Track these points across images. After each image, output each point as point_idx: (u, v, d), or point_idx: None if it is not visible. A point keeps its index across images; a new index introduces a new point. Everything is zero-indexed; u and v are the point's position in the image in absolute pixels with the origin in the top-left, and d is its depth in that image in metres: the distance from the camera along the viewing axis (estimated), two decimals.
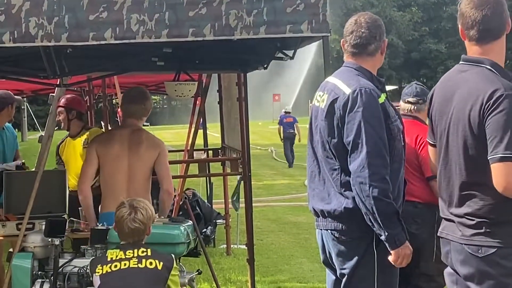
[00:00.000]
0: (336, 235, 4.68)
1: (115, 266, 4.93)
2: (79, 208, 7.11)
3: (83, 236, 6.70)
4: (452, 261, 4.04)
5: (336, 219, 4.66)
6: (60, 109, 8.53)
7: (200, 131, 11.26)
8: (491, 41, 3.98)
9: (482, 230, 3.85)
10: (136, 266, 4.91)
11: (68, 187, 8.19)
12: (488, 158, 3.75)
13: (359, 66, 4.72)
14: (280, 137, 28.04)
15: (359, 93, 4.49)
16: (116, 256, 4.98)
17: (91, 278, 5.06)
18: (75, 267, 5.48)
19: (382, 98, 4.58)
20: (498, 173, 3.73)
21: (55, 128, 8.92)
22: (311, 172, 4.88)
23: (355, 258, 4.62)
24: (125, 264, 4.93)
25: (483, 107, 3.78)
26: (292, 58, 6.38)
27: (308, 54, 59.72)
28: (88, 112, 10.10)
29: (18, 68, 6.87)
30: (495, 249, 3.82)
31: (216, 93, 10.41)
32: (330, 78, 4.81)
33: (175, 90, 7.19)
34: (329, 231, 4.73)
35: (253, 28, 4.90)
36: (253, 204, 8.65)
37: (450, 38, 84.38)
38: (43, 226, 5.65)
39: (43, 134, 8.80)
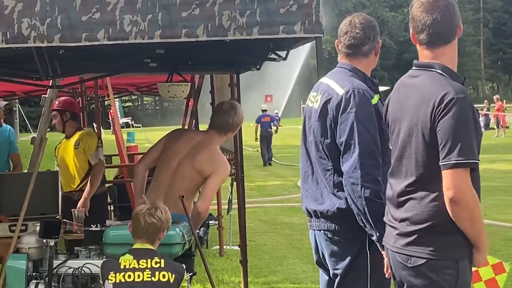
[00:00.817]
0: (329, 235, 4.69)
1: (129, 276, 4.89)
2: (72, 210, 7.11)
3: (77, 237, 6.69)
4: (391, 265, 4.01)
5: (329, 220, 4.67)
6: (53, 112, 8.52)
7: None
8: (442, 45, 3.90)
9: (415, 239, 3.77)
10: (150, 279, 4.88)
11: (62, 189, 8.19)
12: (440, 164, 3.65)
13: (352, 67, 4.73)
14: (255, 136, 28.26)
15: (352, 94, 4.49)
16: (130, 265, 4.93)
17: (102, 283, 5.00)
18: (70, 268, 5.48)
19: (375, 99, 4.58)
20: (449, 180, 3.63)
21: (47, 130, 8.93)
22: (304, 172, 4.89)
23: (348, 259, 4.62)
24: (138, 276, 4.88)
25: (434, 112, 3.69)
26: (285, 59, 6.39)
27: (300, 55, 59.72)
28: (81, 113, 10.10)
29: (10, 69, 6.86)
30: (425, 260, 3.75)
31: (208, 94, 10.39)
32: (324, 78, 4.81)
33: (168, 91, 7.18)
34: (322, 231, 4.73)
35: (246, 28, 4.90)
36: (246, 205, 8.64)
37: None
38: (37, 228, 5.64)
39: (35, 136, 8.81)
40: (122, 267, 4.92)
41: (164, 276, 4.90)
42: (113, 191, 10.64)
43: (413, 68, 4.01)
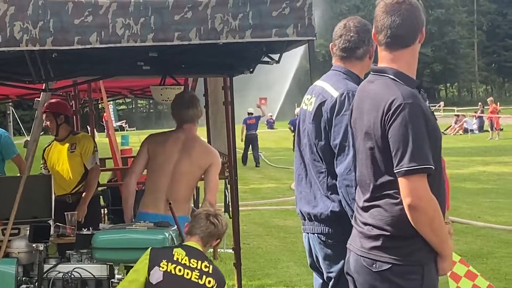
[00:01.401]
0: (323, 238, 4.69)
1: (179, 270, 5.00)
2: (65, 213, 7.09)
3: (70, 241, 6.67)
4: (350, 268, 3.97)
5: (323, 223, 4.67)
6: (47, 114, 8.47)
7: None
8: (400, 48, 3.84)
9: (380, 244, 3.75)
10: (197, 281, 5.00)
11: (54, 192, 8.17)
12: (394, 171, 3.63)
13: (347, 70, 4.74)
14: (242, 136, 28.54)
15: (347, 97, 4.50)
16: (182, 259, 5.04)
17: (149, 268, 5.02)
18: (60, 272, 5.46)
19: None
20: (405, 187, 3.60)
21: (41, 133, 8.90)
22: (298, 175, 4.90)
23: (342, 262, 4.59)
24: (187, 274, 4.99)
25: (383, 119, 3.67)
26: (278, 62, 6.38)
27: (295, 58, 59.73)
28: (74, 117, 10.07)
29: (2, 73, 6.84)
30: (390, 265, 3.72)
31: (202, 97, 10.39)
32: (318, 81, 4.82)
33: (161, 94, 7.18)
34: (316, 234, 4.74)
35: (238, 32, 4.91)
36: (240, 208, 8.64)
37: (436, 41, 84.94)
38: (28, 232, 5.62)
39: (29, 139, 8.78)
40: (175, 258, 5.04)
41: (209, 282, 5.03)
42: (107, 195, 10.62)
43: (370, 73, 3.99)
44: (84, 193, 8.30)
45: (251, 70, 7.21)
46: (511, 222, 13.52)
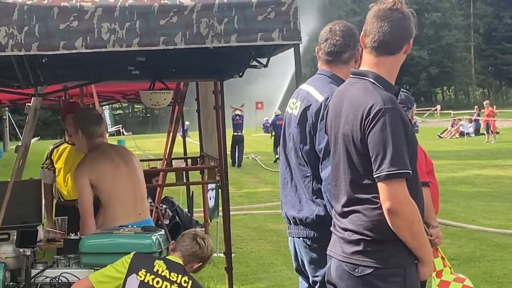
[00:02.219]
0: (308, 242, 4.69)
1: (157, 282, 4.98)
2: (55, 218, 7.08)
3: (59, 246, 6.66)
4: (331, 275, 3.94)
5: (308, 227, 4.67)
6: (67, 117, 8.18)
7: (180, 140, 11.27)
8: (384, 54, 3.83)
9: (361, 248, 3.73)
10: None
11: (61, 197, 8.13)
12: (374, 176, 3.62)
13: (332, 74, 4.74)
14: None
15: None
16: (162, 272, 5.02)
17: (128, 272, 5.02)
18: (47, 277, 5.45)
19: None
20: (385, 192, 3.60)
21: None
22: (283, 179, 4.90)
23: (327, 265, 4.61)
24: (166, 286, 4.97)
25: (363, 123, 3.66)
26: (266, 66, 6.39)
27: (291, 62, 59.76)
28: None
29: None
30: (372, 269, 3.71)
31: (194, 101, 10.40)
32: (304, 85, 4.83)
33: (150, 99, 7.16)
34: (301, 238, 4.74)
35: (224, 36, 4.92)
36: (234, 212, 8.64)
37: (432, 44, 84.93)
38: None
39: (20, 144, 8.75)
40: (155, 270, 5.02)
41: None
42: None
43: (350, 75, 3.98)
44: None
45: (240, 74, 7.21)
46: (506, 225, 13.53)
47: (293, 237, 4.84)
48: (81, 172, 6.23)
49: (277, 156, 29.29)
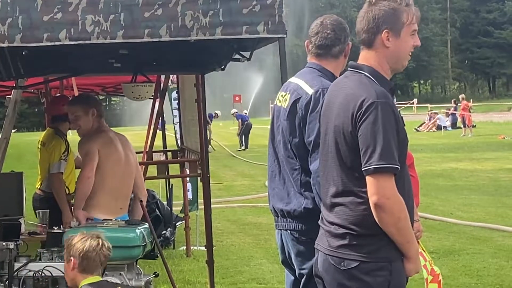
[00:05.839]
0: (296, 235, 4.70)
1: None
2: (36, 211, 7.04)
3: (41, 239, 6.62)
4: (318, 268, 3.95)
5: (296, 219, 4.68)
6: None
7: (160, 133, 11.24)
8: (367, 48, 3.87)
9: (347, 242, 3.73)
10: None
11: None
12: (362, 169, 3.62)
13: (322, 67, 4.75)
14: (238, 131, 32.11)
15: (322, 94, 4.49)
16: None
17: None
18: (30, 271, 5.42)
19: None
20: (372, 185, 3.60)
21: (14, 131, 8.80)
22: (271, 172, 4.90)
23: (314, 259, 4.62)
24: None
25: (354, 116, 3.66)
26: (249, 59, 6.37)
27: (268, 54, 59.78)
28: (46, 114, 10.01)
29: None
30: (358, 263, 3.71)
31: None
32: (293, 78, 4.83)
33: (132, 92, 7.14)
34: (289, 231, 4.74)
35: (209, 29, 4.90)
36: (214, 205, 8.62)
37: None
38: None
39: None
40: None
41: None
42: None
43: (348, 68, 3.99)
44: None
45: (222, 67, 7.19)
46: (484, 218, 13.61)
47: (280, 229, 4.84)
48: (94, 140, 6.49)
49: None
